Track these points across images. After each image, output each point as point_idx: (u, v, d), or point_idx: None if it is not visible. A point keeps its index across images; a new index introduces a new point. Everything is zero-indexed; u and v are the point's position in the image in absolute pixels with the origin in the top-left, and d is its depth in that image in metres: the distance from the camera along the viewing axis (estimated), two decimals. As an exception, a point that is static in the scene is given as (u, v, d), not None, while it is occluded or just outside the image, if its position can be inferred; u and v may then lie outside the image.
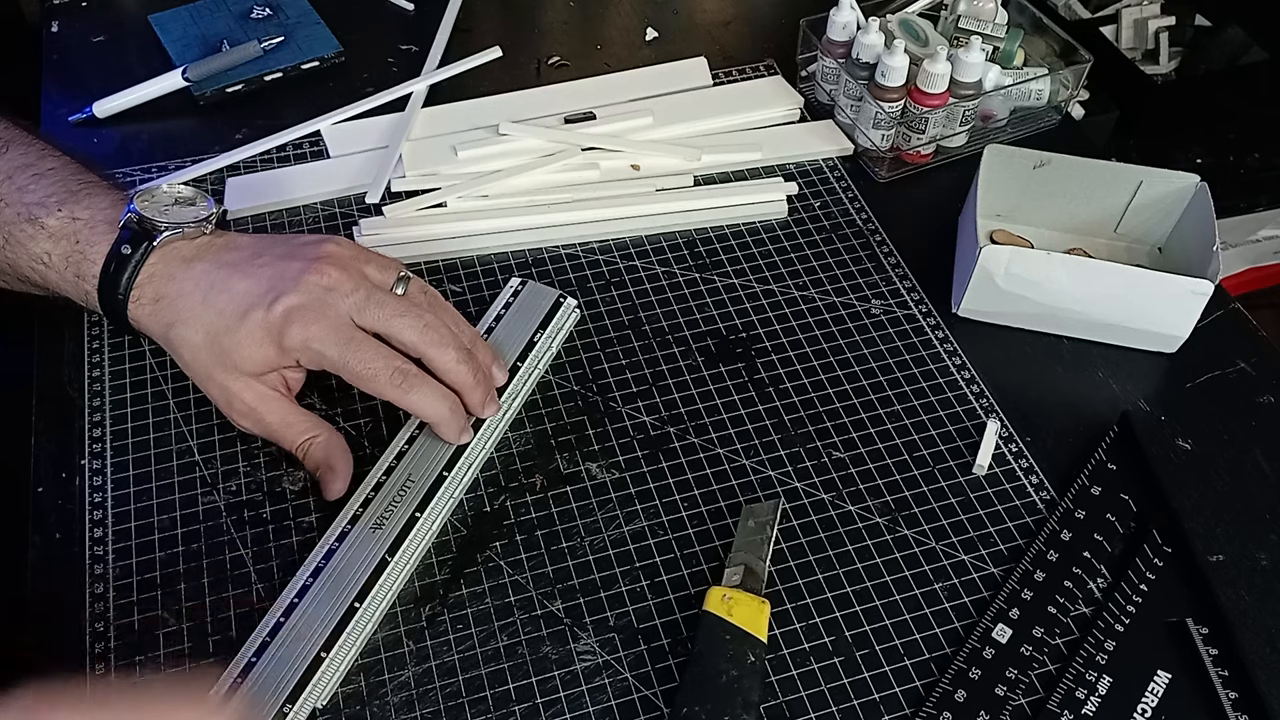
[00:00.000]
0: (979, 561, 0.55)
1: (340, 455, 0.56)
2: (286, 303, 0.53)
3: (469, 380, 0.56)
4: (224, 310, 0.54)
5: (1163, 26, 1.27)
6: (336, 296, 0.54)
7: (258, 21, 0.83)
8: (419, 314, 0.55)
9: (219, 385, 0.55)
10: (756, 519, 0.55)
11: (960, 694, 0.50)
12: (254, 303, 0.53)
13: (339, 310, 0.54)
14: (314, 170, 0.74)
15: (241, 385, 0.55)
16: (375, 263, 0.56)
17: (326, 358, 0.54)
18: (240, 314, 0.53)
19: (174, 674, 0.50)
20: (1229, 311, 0.67)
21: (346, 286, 0.54)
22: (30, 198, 0.56)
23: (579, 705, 0.50)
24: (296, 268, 0.54)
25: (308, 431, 0.56)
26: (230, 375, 0.54)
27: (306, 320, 0.53)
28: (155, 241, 0.55)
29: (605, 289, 0.68)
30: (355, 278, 0.54)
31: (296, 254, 0.55)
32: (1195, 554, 0.54)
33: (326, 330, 0.53)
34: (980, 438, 0.60)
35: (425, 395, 0.54)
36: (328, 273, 0.54)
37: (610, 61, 0.83)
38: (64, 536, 0.55)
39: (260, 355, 0.54)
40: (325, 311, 0.53)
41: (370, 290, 0.54)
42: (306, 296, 0.53)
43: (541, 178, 0.73)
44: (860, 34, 0.73)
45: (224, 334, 0.54)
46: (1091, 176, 0.69)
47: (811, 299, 0.68)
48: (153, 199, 0.56)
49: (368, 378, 0.53)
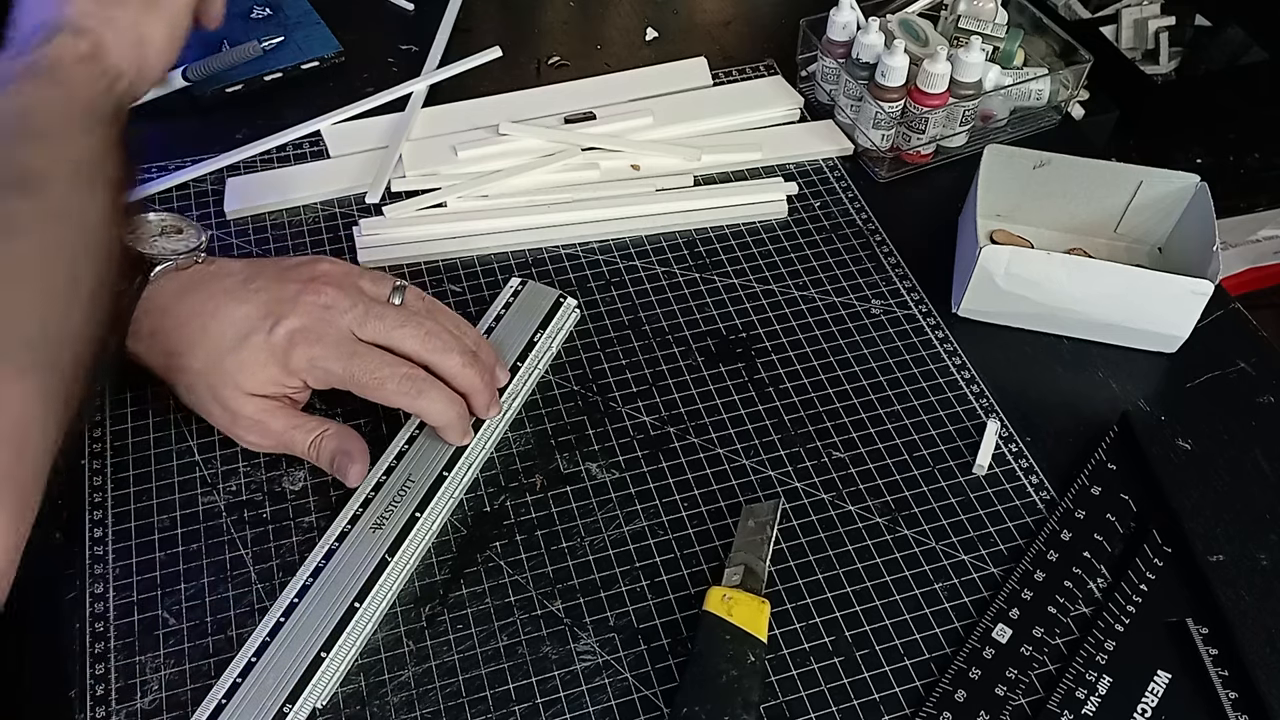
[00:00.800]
0: (979, 561, 0.55)
1: (355, 441, 0.56)
2: (288, 325, 0.53)
3: (477, 383, 0.56)
4: (223, 336, 0.54)
5: (1163, 26, 1.27)
6: (335, 314, 0.54)
7: (258, 21, 0.83)
8: (419, 322, 0.55)
9: (221, 406, 0.55)
10: (756, 519, 0.55)
11: (960, 694, 0.50)
12: (254, 327, 0.54)
13: (339, 327, 0.54)
14: (314, 170, 0.74)
15: (243, 401, 0.55)
16: (369, 276, 0.57)
17: (333, 374, 0.54)
18: (240, 338, 0.54)
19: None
20: (1229, 311, 0.67)
21: (344, 303, 0.54)
22: None
23: (579, 705, 0.50)
24: (293, 290, 0.54)
25: (316, 429, 0.56)
26: (233, 394, 0.54)
27: (309, 341, 0.53)
28: (150, 276, 0.55)
29: (605, 289, 0.68)
30: (352, 294, 0.55)
31: (290, 275, 0.55)
32: (1195, 554, 0.54)
33: (329, 348, 0.53)
34: (980, 438, 0.60)
35: (434, 400, 0.54)
36: (324, 291, 0.54)
37: (610, 61, 0.83)
38: (64, 536, 0.55)
39: (264, 375, 0.54)
40: (326, 330, 0.54)
41: (368, 304, 0.55)
42: (307, 318, 0.54)
43: (541, 178, 0.73)
44: (860, 34, 0.73)
45: (226, 355, 0.54)
46: (1091, 176, 0.69)
47: (811, 299, 0.68)
48: (141, 231, 0.57)
49: (375, 387, 0.54)
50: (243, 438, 0.56)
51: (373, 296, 0.56)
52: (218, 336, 0.54)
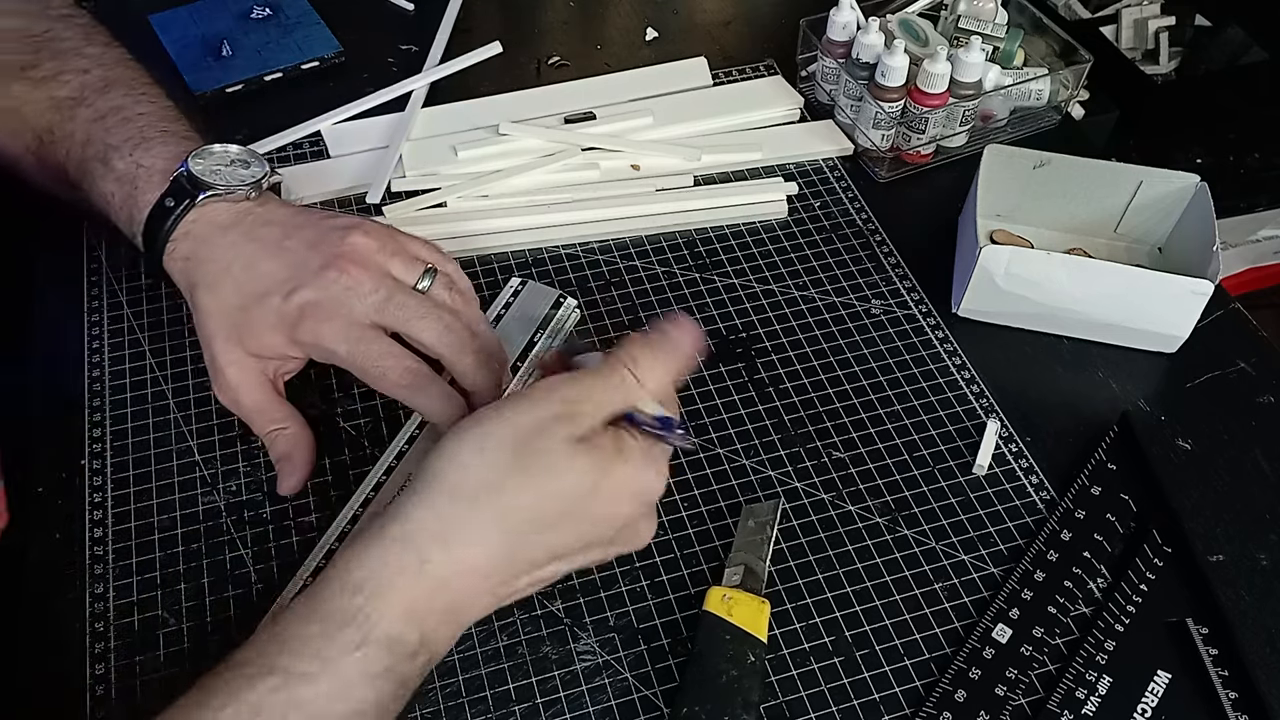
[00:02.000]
0: (979, 561, 0.55)
1: (302, 452, 0.56)
2: (303, 297, 0.53)
3: (485, 385, 0.55)
4: (243, 287, 0.54)
5: (1163, 26, 1.27)
6: (354, 296, 0.53)
7: (258, 21, 0.83)
8: (439, 316, 0.54)
9: (213, 353, 0.55)
10: (756, 519, 0.55)
11: (960, 694, 0.50)
12: (272, 288, 0.54)
13: (354, 310, 0.53)
14: (314, 170, 0.74)
15: (233, 359, 0.55)
16: (401, 256, 0.56)
17: (337, 355, 0.54)
18: (259, 295, 0.54)
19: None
20: (1229, 311, 0.67)
21: (366, 286, 0.53)
22: (112, 139, 0.59)
23: (579, 705, 0.50)
24: (319, 260, 0.54)
25: (278, 422, 0.56)
26: (229, 347, 0.55)
27: (319, 317, 0.53)
28: (196, 200, 0.56)
29: (605, 289, 0.68)
30: (376, 276, 0.54)
31: (323, 242, 0.55)
32: (1195, 554, 0.54)
33: (339, 329, 0.53)
34: (980, 438, 0.60)
35: (433, 397, 0.54)
36: (349, 270, 0.54)
37: (610, 61, 0.83)
38: (64, 536, 0.55)
39: (269, 340, 0.54)
40: (339, 310, 0.53)
41: (391, 290, 0.54)
42: (323, 293, 0.53)
43: (541, 178, 0.73)
44: (860, 34, 0.73)
45: (238, 310, 0.54)
46: (1091, 176, 0.69)
47: (811, 299, 0.68)
48: (208, 157, 0.58)
49: (377, 376, 0.53)
50: (217, 392, 0.57)
51: (399, 280, 0.55)
52: (240, 286, 0.54)
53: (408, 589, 0.42)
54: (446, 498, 0.43)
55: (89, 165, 0.59)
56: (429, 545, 0.43)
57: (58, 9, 0.66)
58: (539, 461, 0.44)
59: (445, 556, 0.43)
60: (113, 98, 0.61)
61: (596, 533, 0.46)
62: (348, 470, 0.58)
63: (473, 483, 0.43)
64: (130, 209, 0.58)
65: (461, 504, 0.43)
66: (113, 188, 0.58)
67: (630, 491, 0.45)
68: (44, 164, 0.62)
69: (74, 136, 0.60)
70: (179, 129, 0.61)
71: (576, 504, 0.44)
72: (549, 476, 0.44)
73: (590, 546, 0.46)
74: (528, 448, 0.44)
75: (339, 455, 0.59)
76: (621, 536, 0.47)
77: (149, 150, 0.58)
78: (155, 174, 0.57)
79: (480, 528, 0.43)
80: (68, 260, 0.68)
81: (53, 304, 0.66)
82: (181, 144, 0.59)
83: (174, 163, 0.57)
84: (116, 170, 0.58)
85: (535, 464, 0.44)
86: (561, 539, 0.45)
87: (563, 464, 0.44)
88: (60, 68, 0.62)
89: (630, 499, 0.46)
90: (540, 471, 0.44)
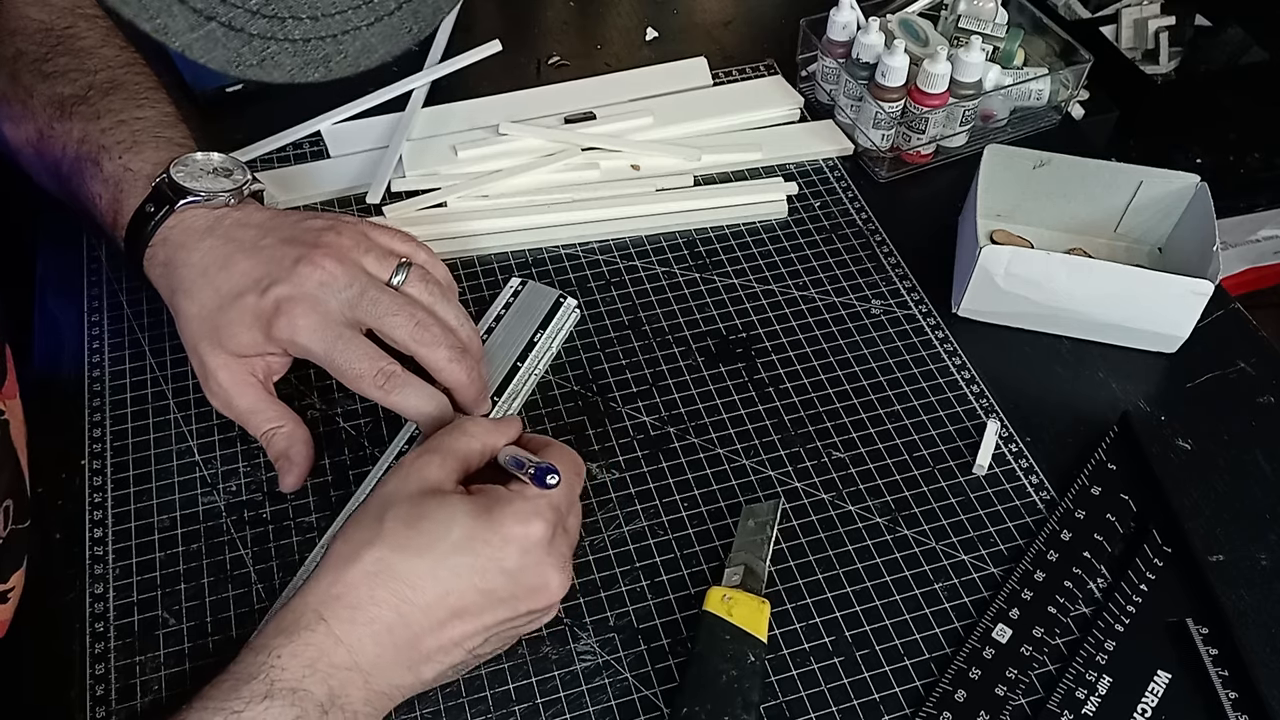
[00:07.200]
0: (979, 561, 0.55)
1: (301, 449, 0.56)
2: (277, 293, 0.53)
3: (462, 379, 0.55)
4: (220, 288, 0.54)
5: (1163, 26, 1.28)
6: (329, 292, 0.53)
7: (258, 21, 0.83)
8: (411, 312, 0.54)
9: (201, 359, 0.55)
10: (756, 519, 0.55)
11: (960, 694, 0.50)
12: (248, 286, 0.54)
13: (329, 306, 0.53)
14: (314, 170, 0.74)
15: (221, 363, 0.55)
16: (376, 252, 0.56)
17: (312, 352, 0.54)
18: (234, 295, 0.54)
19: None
20: (1229, 311, 0.67)
21: (340, 281, 0.54)
22: (105, 140, 0.59)
23: (579, 705, 0.50)
24: (293, 256, 0.54)
25: (273, 421, 0.56)
26: (214, 351, 0.55)
27: (294, 313, 0.53)
28: (175, 206, 0.56)
29: (605, 289, 0.68)
30: (351, 271, 0.54)
31: (298, 239, 0.55)
32: (1195, 554, 0.54)
33: (314, 325, 0.53)
34: (980, 438, 0.60)
35: (409, 396, 0.54)
36: (323, 265, 0.54)
37: (610, 61, 0.83)
38: (64, 536, 0.55)
39: (247, 338, 0.54)
40: (315, 306, 0.53)
41: (365, 286, 0.54)
42: (298, 288, 0.53)
43: (541, 178, 0.73)
44: (860, 34, 0.73)
45: (217, 311, 0.54)
46: (1091, 176, 0.69)
47: (811, 299, 0.68)
48: (190, 165, 0.58)
49: (352, 377, 0.53)
50: (208, 396, 0.57)
51: (373, 275, 0.55)
52: (216, 288, 0.55)
53: (311, 643, 0.44)
54: (340, 560, 0.46)
55: (82, 164, 0.59)
56: (331, 605, 0.45)
57: (85, 7, 0.66)
58: (411, 512, 0.47)
59: (343, 615, 0.45)
60: (114, 100, 0.61)
61: (489, 582, 0.46)
62: (348, 470, 0.58)
63: (354, 542, 0.46)
64: (115, 213, 0.58)
65: (350, 565, 0.46)
66: (100, 189, 0.59)
67: (513, 535, 0.46)
68: (42, 158, 0.62)
69: (71, 134, 0.60)
70: (174, 135, 0.61)
71: (457, 550, 0.46)
72: (423, 525, 0.46)
73: (495, 602, 0.46)
74: (403, 504, 0.47)
75: (339, 455, 0.59)
76: (523, 588, 0.47)
77: (139, 154, 0.59)
78: (140, 179, 0.58)
79: (365, 581, 0.45)
80: (68, 260, 0.68)
81: (53, 304, 0.66)
82: (173, 150, 0.59)
83: (160, 169, 0.57)
84: (105, 172, 0.58)
85: (408, 514, 0.47)
86: (455, 588, 0.46)
87: (437, 512, 0.46)
88: (72, 65, 0.63)
89: (516, 543, 0.46)
90: (414, 520, 0.46)
